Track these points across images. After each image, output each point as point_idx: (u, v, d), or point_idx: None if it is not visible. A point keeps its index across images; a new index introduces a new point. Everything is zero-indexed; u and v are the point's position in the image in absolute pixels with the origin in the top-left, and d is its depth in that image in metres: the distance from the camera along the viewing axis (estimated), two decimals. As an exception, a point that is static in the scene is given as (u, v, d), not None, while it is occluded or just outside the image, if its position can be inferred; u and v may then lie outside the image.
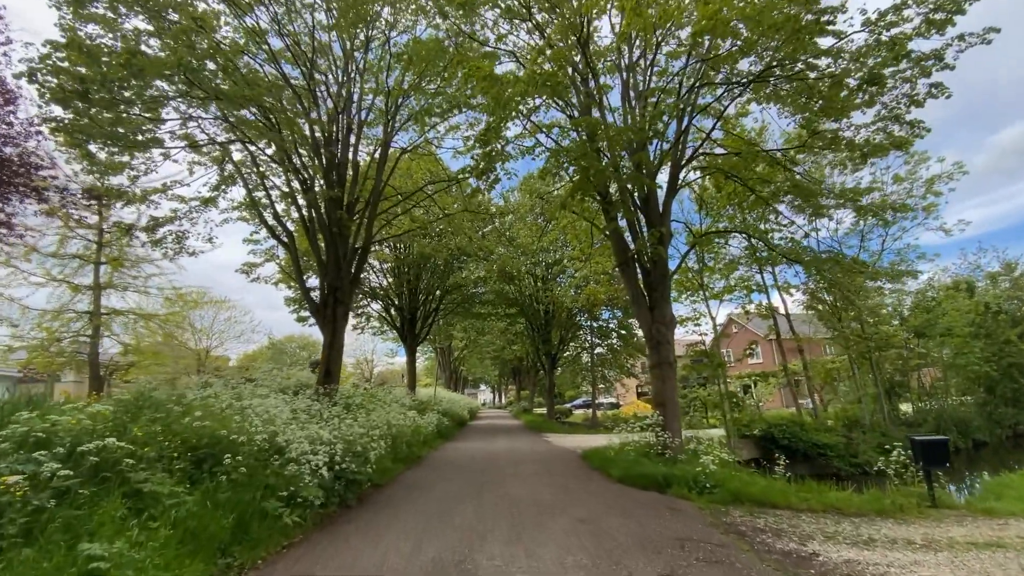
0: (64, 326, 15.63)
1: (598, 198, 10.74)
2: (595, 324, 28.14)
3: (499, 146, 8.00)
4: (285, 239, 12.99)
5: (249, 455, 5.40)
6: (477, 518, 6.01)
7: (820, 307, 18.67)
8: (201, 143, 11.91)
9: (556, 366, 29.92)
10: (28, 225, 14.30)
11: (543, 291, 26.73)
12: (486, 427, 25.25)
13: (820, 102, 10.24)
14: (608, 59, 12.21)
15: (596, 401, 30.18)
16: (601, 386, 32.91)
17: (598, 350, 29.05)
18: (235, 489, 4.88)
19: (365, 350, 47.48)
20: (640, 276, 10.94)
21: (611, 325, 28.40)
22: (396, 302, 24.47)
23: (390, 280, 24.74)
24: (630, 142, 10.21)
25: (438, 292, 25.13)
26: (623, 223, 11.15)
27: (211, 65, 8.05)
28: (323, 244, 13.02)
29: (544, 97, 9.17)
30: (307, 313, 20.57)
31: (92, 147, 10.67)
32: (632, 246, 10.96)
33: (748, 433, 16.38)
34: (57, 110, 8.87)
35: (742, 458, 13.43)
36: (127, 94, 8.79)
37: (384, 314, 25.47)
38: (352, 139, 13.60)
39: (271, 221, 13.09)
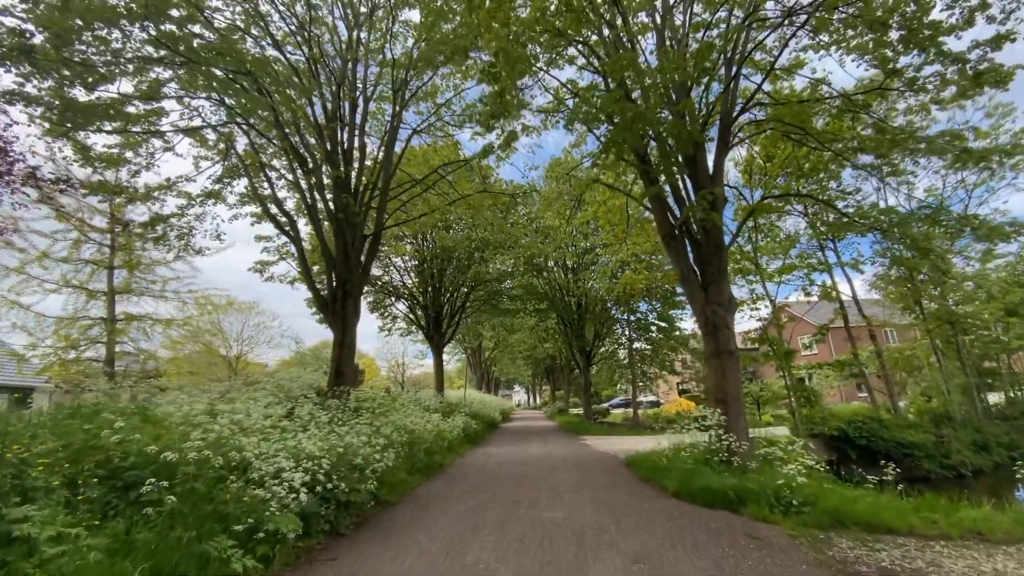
0: (81, 333, 15.23)
1: (635, 159, 9.14)
2: (632, 317, 26.22)
3: (518, 84, 6.51)
4: (289, 229, 11.99)
5: (197, 477, 4.16)
6: (497, 555, 4.57)
7: (897, 287, 16.22)
8: (197, 127, 11.05)
9: (591, 364, 28.18)
10: (36, 229, 14.04)
11: (574, 282, 25.13)
12: (519, 429, 23.80)
13: (902, 30, 8.38)
14: (640, 16, 10.57)
15: (636, 400, 28.23)
16: (640, 384, 30.84)
17: (636, 345, 27.09)
18: (164, 525, 3.62)
19: (396, 353, 46.97)
20: (690, 250, 9.28)
21: (650, 318, 26.41)
22: (421, 301, 23.56)
23: (414, 279, 23.85)
24: (668, 92, 8.60)
25: (463, 289, 24.01)
26: (666, 189, 9.50)
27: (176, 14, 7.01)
28: (332, 235, 11.99)
29: (565, 33, 7.64)
30: (327, 314, 19.74)
31: (90, 142, 10.03)
32: (678, 215, 9.32)
33: (818, 432, 14.28)
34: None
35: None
36: (101, 68, 7.88)
37: (410, 314, 24.59)
38: (358, 119, 12.52)
39: (274, 210, 12.11)
